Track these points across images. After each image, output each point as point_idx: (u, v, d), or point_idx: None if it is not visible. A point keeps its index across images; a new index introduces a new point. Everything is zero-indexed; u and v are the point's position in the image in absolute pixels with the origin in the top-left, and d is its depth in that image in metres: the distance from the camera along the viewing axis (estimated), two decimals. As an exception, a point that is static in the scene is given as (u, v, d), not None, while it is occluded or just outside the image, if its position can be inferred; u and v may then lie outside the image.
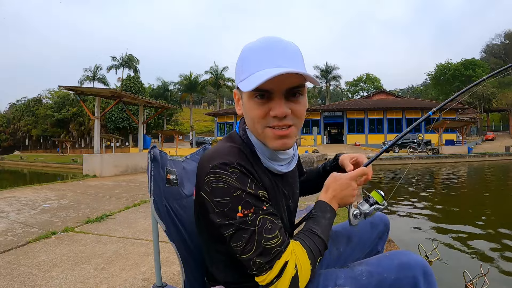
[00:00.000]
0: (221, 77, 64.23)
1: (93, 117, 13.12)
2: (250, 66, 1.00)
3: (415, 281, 1.04)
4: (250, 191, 0.98)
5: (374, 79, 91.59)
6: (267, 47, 1.00)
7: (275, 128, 1.02)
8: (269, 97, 1.00)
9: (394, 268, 1.07)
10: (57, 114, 56.61)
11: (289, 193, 1.25)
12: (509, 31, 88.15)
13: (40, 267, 3.03)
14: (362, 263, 1.15)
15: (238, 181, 0.98)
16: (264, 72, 0.94)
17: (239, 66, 1.04)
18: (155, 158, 1.22)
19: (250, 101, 1.02)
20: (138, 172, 13.64)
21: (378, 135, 44.91)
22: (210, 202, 0.99)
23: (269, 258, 0.94)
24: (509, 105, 55.97)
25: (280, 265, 0.94)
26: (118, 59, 61.25)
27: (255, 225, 0.96)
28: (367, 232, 1.50)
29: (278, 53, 0.99)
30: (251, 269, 0.97)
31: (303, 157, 10.12)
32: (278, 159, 1.15)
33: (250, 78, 0.97)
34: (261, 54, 1.00)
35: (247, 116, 1.07)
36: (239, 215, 0.96)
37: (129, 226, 4.57)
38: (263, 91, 0.98)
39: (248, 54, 1.02)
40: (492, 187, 12.15)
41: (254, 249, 0.95)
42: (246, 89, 0.95)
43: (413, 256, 1.10)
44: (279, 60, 0.98)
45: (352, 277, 1.09)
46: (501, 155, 26.98)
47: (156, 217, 1.16)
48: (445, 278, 3.57)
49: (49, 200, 6.65)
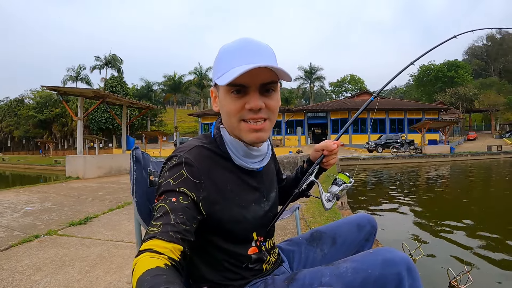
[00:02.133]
0: (205, 77, 64.11)
1: (76, 118, 13.00)
2: (226, 64, 1.06)
3: (400, 277, 1.05)
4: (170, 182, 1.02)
5: (358, 80, 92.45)
6: (241, 47, 1.07)
7: (250, 122, 1.09)
8: (245, 92, 1.06)
9: (379, 264, 1.07)
10: (40, 114, 55.69)
11: (263, 192, 1.27)
12: (491, 33, 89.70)
13: (24, 271, 2.98)
14: (347, 260, 1.15)
15: (170, 171, 1.04)
16: (239, 68, 1.00)
17: (216, 65, 1.10)
18: (138, 160, 1.21)
19: (227, 96, 1.08)
20: (121, 174, 13.53)
21: (362, 135, 45.25)
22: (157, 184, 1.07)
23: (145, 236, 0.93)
24: (490, 106, 56.93)
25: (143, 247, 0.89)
26: (101, 59, 60.72)
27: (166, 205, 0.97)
28: (352, 233, 1.49)
29: (252, 52, 1.06)
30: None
31: (287, 158, 10.11)
32: (252, 156, 1.19)
33: (226, 74, 1.03)
34: (235, 53, 1.06)
35: (223, 111, 1.12)
36: (161, 197, 1.00)
37: (113, 228, 4.53)
38: (238, 86, 1.05)
39: (224, 54, 1.09)
40: (475, 185, 12.34)
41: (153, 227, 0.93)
42: (222, 83, 1.01)
43: (397, 252, 1.11)
44: (253, 58, 1.04)
45: (337, 274, 1.09)
46: (483, 154, 27.42)
47: (139, 219, 1.15)
48: (429, 276, 3.60)
49: (32, 203, 6.56)
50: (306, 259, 1.45)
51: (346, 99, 67.64)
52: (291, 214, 1.90)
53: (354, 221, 1.51)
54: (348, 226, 1.50)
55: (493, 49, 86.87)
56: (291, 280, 1.14)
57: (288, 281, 1.15)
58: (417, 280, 1.08)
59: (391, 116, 46.47)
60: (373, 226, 1.52)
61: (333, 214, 4.79)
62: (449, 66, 71.72)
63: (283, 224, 4.28)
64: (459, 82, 66.79)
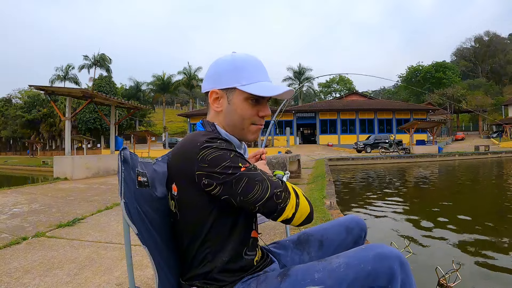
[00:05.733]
0: (194, 77, 64.05)
1: (64, 118, 12.85)
2: (251, 75, 1.24)
3: (392, 271, 1.07)
4: (241, 153, 1.16)
5: (347, 81, 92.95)
6: (258, 62, 1.29)
7: (257, 124, 1.29)
8: (259, 102, 1.26)
9: (371, 259, 1.09)
10: (27, 114, 54.89)
11: None
12: (478, 35, 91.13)
13: (12, 274, 2.94)
14: (340, 256, 1.17)
15: (229, 147, 1.13)
16: (268, 84, 1.26)
17: (234, 73, 1.24)
18: (126, 160, 1.20)
19: (244, 103, 1.24)
20: (110, 174, 13.42)
21: (350, 136, 45.59)
22: (213, 173, 1.08)
23: (283, 186, 1.14)
24: (478, 107, 57.52)
25: (290, 187, 1.17)
26: (90, 58, 60.04)
27: (257, 170, 1.13)
28: (340, 236, 1.49)
29: (265, 69, 1.31)
30: (276, 205, 1.10)
31: (276, 158, 10.11)
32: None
33: (256, 86, 1.23)
34: (257, 67, 1.27)
35: (236, 113, 1.25)
36: (243, 169, 1.09)
37: (102, 230, 4.50)
38: (258, 97, 1.23)
39: (245, 65, 1.25)
40: (462, 184, 12.46)
41: (270, 185, 1.10)
42: (259, 93, 1.20)
43: (390, 247, 1.14)
44: (267, 75, 1.30)
45: (329, 270, 1.11)
46: (470, 154, 27.65)
47: (128, 220, 1.14)
48: (418, 275, 3.59)
49: (19, 204, 6.48)
50: (292, 263, 1.46)
51: (335, 99, 68.14)
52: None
53: (343, 223, 1.52)
54: (336, 228, 1.51)
55: (481, 51, 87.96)
56: (283, 276, 1.15)
57: (281, 277, 1.16)
58: (409, 275, 1.11)
59: (380, 116, 46.84)
60: (362, 229, 1.52)
61: (321, 214, 4.80)
62: (437, 67, 72.58)
63: (273, 224, 4.27)
64: (447, 83, 67.51)
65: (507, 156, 27.52)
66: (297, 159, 11.74)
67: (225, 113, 1.27)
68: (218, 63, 1.28)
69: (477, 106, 57.76)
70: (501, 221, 6.30)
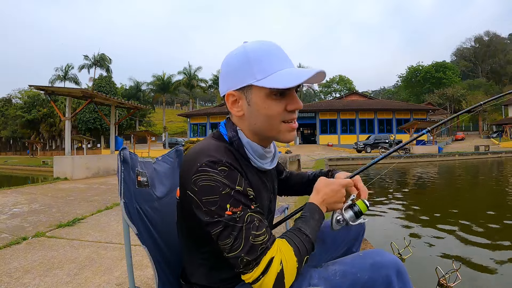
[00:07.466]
0: (194, 77, 64.00)
1: (64, 118, 12.84)
2: (268, 66, 1.06)
3: (389, 280, 1.04)
4: (239, 189, 1.01)
5: (347, 81, 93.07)
6: (274, 48, 1.10)
7: (289, 122, 1.11)
8: (283, 94, 1.07)
9: (368, 268, 1.07)
10: (27, 114, 54.81)
11: (272, 188, 1.30)
12: (478, 35, 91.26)
13: (12, 274, 2.94)
14: (336, 262, 1.14)
15: (227, 179, 1.00)
16: (291, 70, 1.06)
17: (247, 67, 1.07)
18: (125, 160, 1.20)
19: (267, 99, 1.07)
20: (110, 174, 13.41)
21: (350, 136, 45.55)
22: (198, 200, 1.00)
23: (256, 255, 0.96)
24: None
25: (266, 261, 0.96)
26: (90, 58, 60.04)
27: (243, 221, 0.98)
28: (341, 233, 1.46)
29: (285, 54, 1.11)
30: (238, 266, 0.98)
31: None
32: (265, 157, 1.20)
33: (275, 77, 1.04)
34: (273, 55, 1.08)
35: (261, 114, 1.09)
36: (228, 213, 0.97)
37: (102, 230, 4.49)
38: (283, 89, 1.06)
39: (258, 56, 1.07)
40: (462, 185, 12.47)
41: (242, 246, 0.96)
42: (279, 86, 1.02)
43: (387, 255, 1.11)
44: (289, 60, 1.10)
45: (325, 277, 1.08)
46: (470, 154, 27.69)
47: (127, 220, 1.14)
48: (418, 275, 3.63)
49: (20, 204, 6.47)
50: None
51: (335, 99, 68.07)
52: (280, 214, 1.89)
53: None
54: None
55: (481, 51, 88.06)
56: None
57: None
58: (407, 283, 1.07)
59: (380, 116, 46.81)
60: (361, 225, 1.51)
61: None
62: (437, 67, 72.59)
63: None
64: (447, 83, 67.50)
65: (507, 156, 27.59)
66: (297, 159, 11.76)
67: (248, 116, 1.12)
68: (229, 59, 1.13)
69: (477, 106, 57.63)
70: (501, 221, 6.29)
